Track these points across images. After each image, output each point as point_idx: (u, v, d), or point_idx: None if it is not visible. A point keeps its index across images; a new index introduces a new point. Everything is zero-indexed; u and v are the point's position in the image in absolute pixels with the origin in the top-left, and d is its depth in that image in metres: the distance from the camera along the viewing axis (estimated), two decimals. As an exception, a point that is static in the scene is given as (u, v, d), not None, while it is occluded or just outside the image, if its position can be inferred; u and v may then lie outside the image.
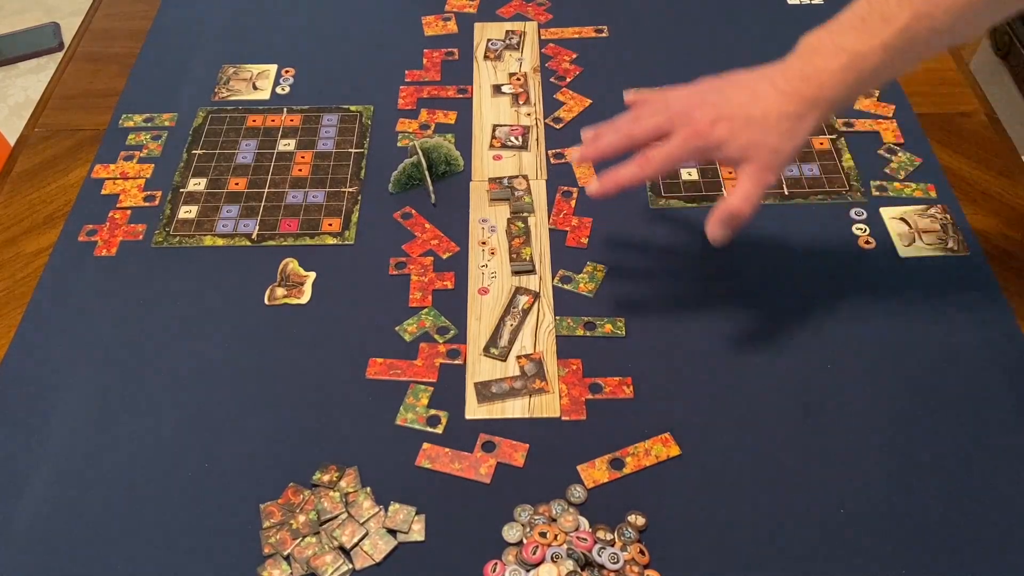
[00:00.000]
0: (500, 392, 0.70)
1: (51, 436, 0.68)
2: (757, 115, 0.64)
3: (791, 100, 0.64)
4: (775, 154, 0.64)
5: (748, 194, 0.65)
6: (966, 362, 0.71)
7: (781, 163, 0.65)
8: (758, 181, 0.65)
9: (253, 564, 0.61)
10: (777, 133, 0.64)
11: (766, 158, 0.64)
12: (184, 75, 1.00)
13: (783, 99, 0.64)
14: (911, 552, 0.61)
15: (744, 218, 0.66)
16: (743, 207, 0.65)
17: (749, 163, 0.65)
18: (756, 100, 0.65)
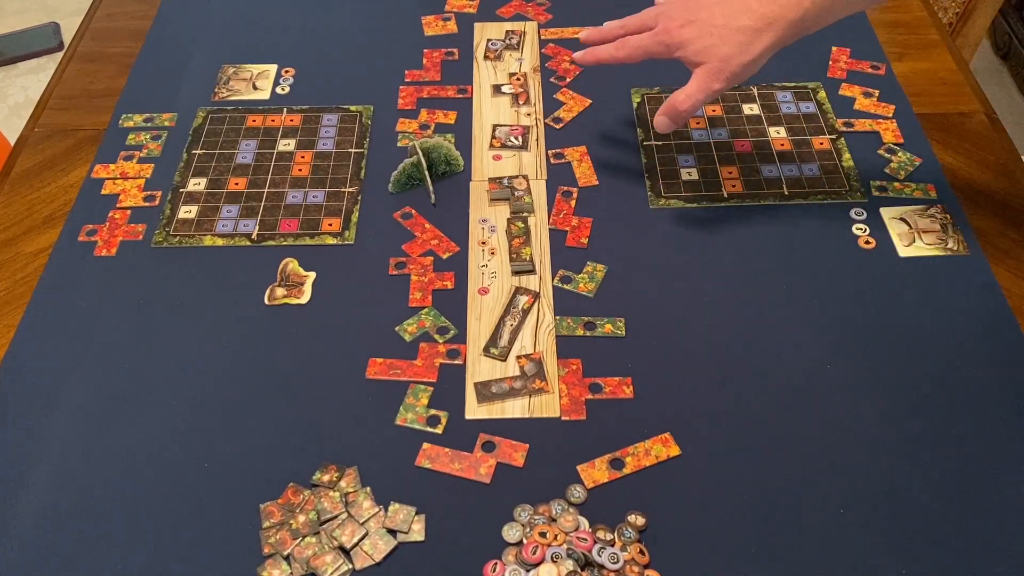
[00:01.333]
0: (500, 392, 0.70)
1: (51, 436, 0.68)
2: (719, 24, 0.71)
3: (751, 15, 0.70)
4: (724, 62, 0.71)
5: (691, 94, 0.74)
6: (966, 362, 0.71)
7: (729, 73, 0.71)
8: (703, 85, 0.73)
9: (253, 564, 0.61)
10: (732, 43, 0.71)
11: (716, 65, 0.72)
12: (184, 75, 1.00)
13: (746, 14, 0.71)
14: (911, 552, 0.61)
15: (684, 114, 0.75)
16: (684, 104, 0.74)
17: (701, 67, 0.73)
18: (724, 11, 0.72)
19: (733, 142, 0.90)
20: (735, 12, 0.71)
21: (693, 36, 0.73)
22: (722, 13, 0.72)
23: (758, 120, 0.92)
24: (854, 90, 0.95)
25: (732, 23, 0.71)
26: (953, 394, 0.69)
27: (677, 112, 0.75)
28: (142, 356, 0.73)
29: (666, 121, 0.77)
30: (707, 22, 0.72)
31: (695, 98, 0.74)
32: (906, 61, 1.00)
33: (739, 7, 0.71)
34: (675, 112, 0.76)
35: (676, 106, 0.75)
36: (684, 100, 0.74)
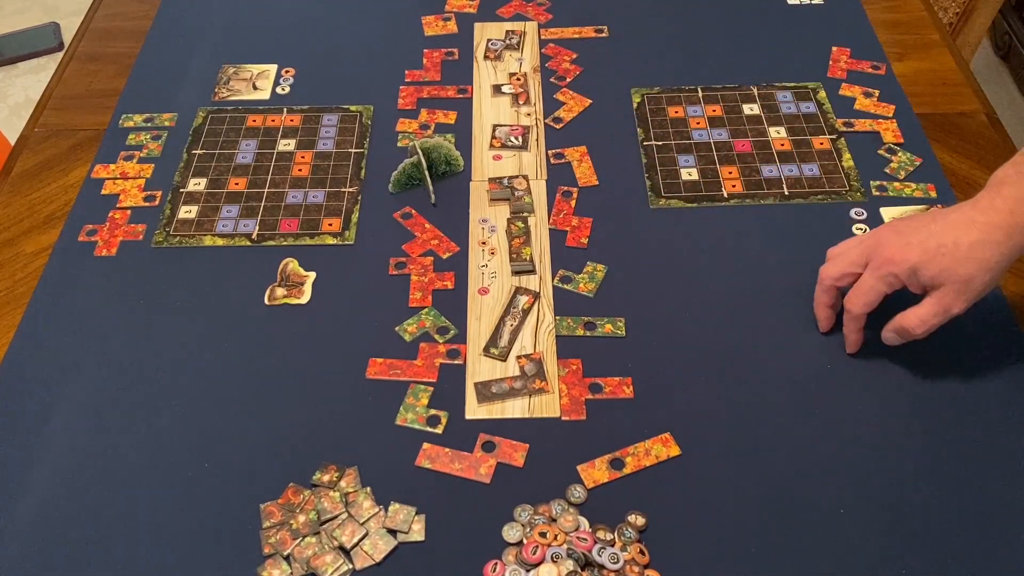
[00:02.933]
0: (500, 392, 0.70)
1: (51, 436, 0.68)
2: (949, 243, 0.64)
3: (983, 228, 0.64)
4: (966, 283, 0.64)
5: (925, 319, 0.66)
6: (966, 362, 0.71)
7: (972, 293, 0.65)
8: (942, 308, 0.65)
9: (253, 564, 0.61)
10: (971, 261, 0.64)
11: (956, 287, 0.64)
12: (184, 75, 1.00)
13: (974, 228, 0.64)
14: (911, 552, 0.61)
15: (915, 337, 0.68)
16: (918, 329, 0.67)
17: (938, 289, 0.65)
18: (947, 229, 0.65)
19: (733, 142, 0.90)
20: (959, 228, 0.64)
21: (923, 260, 0.65)
22: (943, 231, 0.65)
23: (758, 120, 0.92)
24: (854, 90, 0.95)
25: (963, 240, 0.64)
26: (953, 394, 0.69)
27: (908, 335, 0.68)
28: (142, 356, 0.73)
29: (894, 338, 0.69)
30: (932, 242, 0.65)
31: (930, 324, 0.66)
32: (906, 61, 1.00)
33: (960, 221, 0.65)
34: (906, 335, 0.68)
35: (909, 329, 0.67)
36: (918, 325, 0.66)
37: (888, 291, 0.68)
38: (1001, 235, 0.63)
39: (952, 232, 0.65)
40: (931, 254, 0.65)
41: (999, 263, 0.64)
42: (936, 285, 0.65)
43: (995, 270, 0.64)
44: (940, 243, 0.65)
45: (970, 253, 0.64)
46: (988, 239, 0.63)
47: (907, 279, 0.66)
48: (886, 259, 0.67)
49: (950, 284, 0.64)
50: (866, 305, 0.68)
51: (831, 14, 1.05)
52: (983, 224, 0.64)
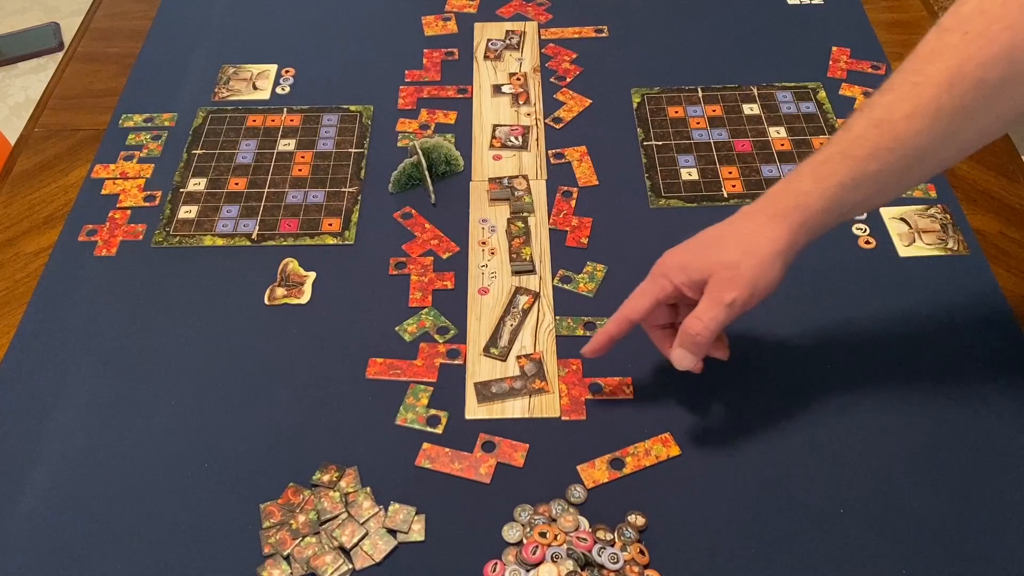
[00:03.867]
0: (500, 392, 0.70)
1: (51, 436, 0.68)
2: (717, 235, 0.63)
3: (756, 219, 0.62)
4: (734, 268, 0.60)
5: (700, 313, 0.62)
6: (966, 362, 0.71)
7: (743, 280, 0.60)
8: (713, 298, 0.61)
9: (253, 564, 0.61)
10: (737, 247, 0.61)
11: (725, 273, 0.61)
12: (184, 75, 1.00)
13: (747, 219, 0.62)
14: (911, 552, 0.61)
15: (701, 340, 0.62)
16: (695, 327, 0.62)
17: (709, 281, 0.62)
18: (722, 225, 0.64)
19: (733, 142, 0.90)
20: (733, 222, 0.63)
21: (692, 254, 0.63)
22: (717, 228, 0.64)
23: (758, 120, 0.92)
24: (854, 90, 0.95)
25: (730, 230, 0.62)
26: (953, 394, 0.69)
27: (693, 340, 0.62)
28: (142, 356, 0.73)
29: (684, 354, 0.63)
30: (703, 237, 0.64)
31: (707, 318, 0.61)
32: (906, 61, 1.00)
33: (737, 217, 0.63)
34: (691, 340, 0.62)
35: (690, 332, 0.62)
36: (696, 323, 0.61)
37: (660, 295, 0.64)
38: (777, 226, 0.60)
39: (724, 226, 0.63)
40: (699, 247, 0.63)
41: (771, 252, 0.60)
42: (706, 277, 0.61)
43: (767, 259, 0.60)
44: (709, 236, 0.63)
45: (737, 240, 0.61)
46: (759, 228, 0.61)
47: (680, 280, 0.63)
48: (660, 264, 0.64)
49: (718, 272, 0.61)
50: (633, 311, 0.64)
51: (831, 14, 1.05)
52: (757, 214, 0.62)
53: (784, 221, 0.60)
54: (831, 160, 0.59)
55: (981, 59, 0.53)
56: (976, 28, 0.53)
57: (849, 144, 0.58)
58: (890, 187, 0.60)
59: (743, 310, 0.61)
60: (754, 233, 0.61)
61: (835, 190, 0.59)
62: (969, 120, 0.55)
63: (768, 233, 0.60)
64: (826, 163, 0.59)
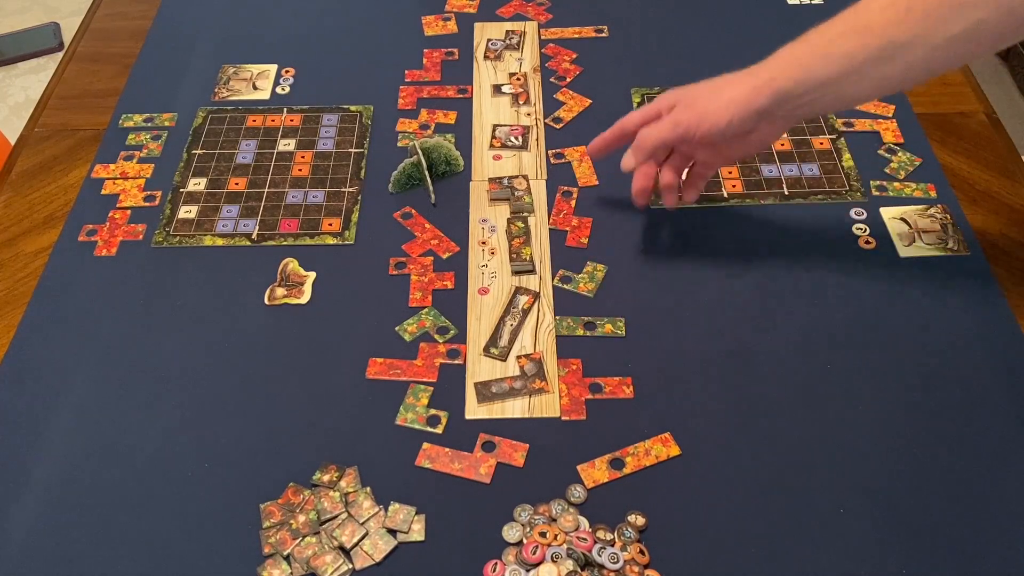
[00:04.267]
0: (500, 392, 0.70)
1: (51, 436, 0.68)
2: (708, 84, 0.72)
3: (739, 76, 0.69)
4: (694, 99, 0.70)
5: (655, 124, 0.72)
6: (966, 362, 0.71)
7: (695, 110, 0.69)
8: (671, 118, 0.71)
9: (253, 564, 0.61)
10: (706, 87, 0.71)
11: (686, 101, 0.71)
12: (184, 75, 1.00)
13: (735, 77, 0.69)
14: (911, 552, 0.61)
15: (643, 139, 0.73)
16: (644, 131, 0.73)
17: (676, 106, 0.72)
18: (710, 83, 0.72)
19: (733, 142, 0.90)
20: (725, 77, 0.71)
21: (680, 92, 0.72)
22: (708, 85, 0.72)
23: (758, 120, 0.92)
24: (854, 90, 0.95)
25: (717, 82, 0.71)
26: (953, 394, 0.69)
27: (638, 140, 0.74)
28: (142, 356, 0.73)
29: (628, 154, 0.75)
30: (699, 87, 0.72)
31: (658, 126, 0.72)
32: (906, 61, 1.00)
33: (719, 77, 0.71)
34: (637, 142, 0.74)
35: (639, 136, 0.74)
36: (646, 129, 0.73)
37: (649, 112, 0.74)
38: (750, 83, 0.67)
39: (717, 80, 0.71)
40: (692, 87, 0.72)
41: (728, 98, 0.68)
42: (675, 103, 0.72)
43: (729, 104, 0.68)
44: (703, 85, 0.72)
45: (713, 83, 0.70)
46: (737, 80, 0.68)
47: (662, 105, 0.73)
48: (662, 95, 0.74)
49: (683, 100, 0.71)
50: (627, 120, 0.76)
51: (831, 14, 1.05)
52: (742, 75, 0.69)
53: (752, 78, 0.67)
54: (809, 35, 0.65)
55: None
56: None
57: (827, 25, 0.64)
58: (859, 75, 0.63)
59: (689, 134, 0.70)
60: (731, 83, 0.69)
61: (804, 58, 0.65)
62: (940, 22, 0.59)
63: (735, 84, 0.68)
64: (805, 39, 0.66)
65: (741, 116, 0.67)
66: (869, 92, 0.65)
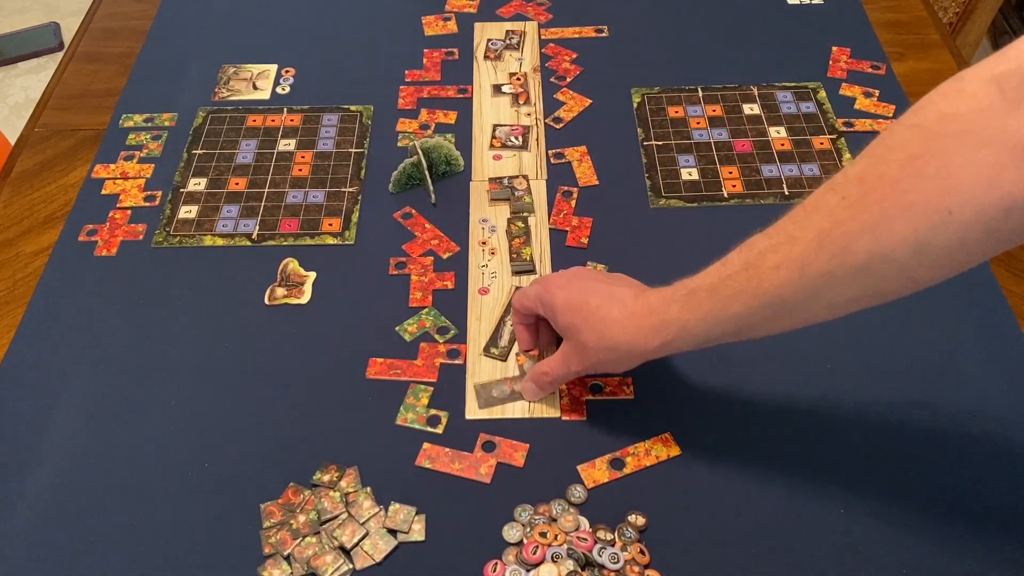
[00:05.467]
0: (501, 396, 0.70)
1: (51, 436, 0.68)
2: (593, 304, 0.64)
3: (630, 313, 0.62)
4: (583, 348, 0.64)
5: (553, 367, 0.66)
6: (966, 362, 0.71)
7: (587, 361, 0.64)
8: (563, 359, 0.66)
9: (253, 564, 0.61)
10: (594, 332, 0.63)
11: (576, 345, 0.64)
12: (184, 75, 1.00)
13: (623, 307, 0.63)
14: (911, 552, 0.61)
15: (548, 385, 0.68)
16: (544, 378, 0.67)
17: (565, 342, 0.66)
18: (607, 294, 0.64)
19: (733, 142, 0.90)
20: (614, 300, 0.63)
21: (562, 306, 0.65)
22: (601, 293, 0.64)
23: (758, 120, 0.92)
24: (854, 90, 0.95)
25: (604, 311, 0.63)
26: (953, 394, 0.69)
27: (539, 382, 0.68)
28: (142, 356, 0.73)
29: (533, 389, 0.69)
30: (580, 296, 0.64)
31: (554, 372, 0.66)
32: (906, 61, 1.00)
33: (623, 295, 0.63)
34: (537, 382, 0.68)
35: (537, 375, 0.68)
36: (544, 372, 0.67)
37: (526, 310, 0.69)
38: (641, 335, 0.61)
39: (607, 299, 0.63)
40: (572, 305, 0.64)
41: (625, 349, 0.62)
42: (565, 336, 0.66)
43: (618, 352, 0.62)
44: (586, 300, 0.64)
45: (601, 326, 0.62)
46: (626, 324, 0.62)
47: (548, 309, 0.66)
48: (543, 286, 0.67)
49: (572, 340, 0.65)
50: (517, 302, 0.69)
51: (831, 14, 1.05)
52: (633, 309, 0.62)
53: (649, 333, 0.61)
54: (699, 292, 0.59)
55: (849, 227, 0.50)
56: (853, 195, 0.51)
57: (720, 280, 0.58)
58: (756, 328, 0.58)
59: (584, 372, 0.66)
60: (620, 329, 0.62)
61: (697, 324, 0.59)
62: (836, 285, 0.53)
63: (635, 343, 0.61)
64: (695, 294, 0.59)
65: (634, 365, 0.64)
66: (762, 336, 0.59)
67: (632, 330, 0.61)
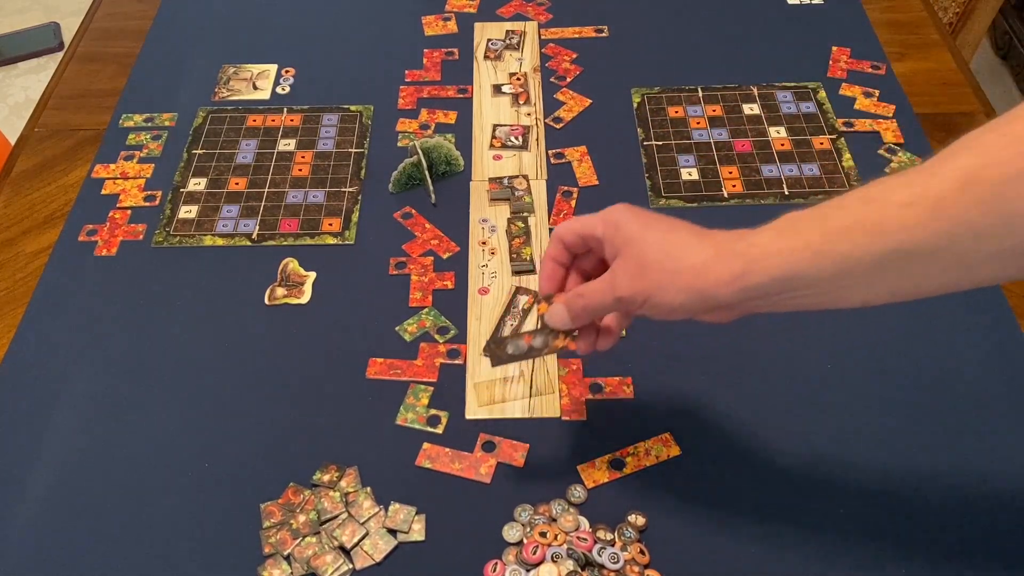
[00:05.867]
0: (517, 352, 0.62)
1: (51, 436, 0.68)
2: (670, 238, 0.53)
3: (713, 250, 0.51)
4: (642, 267, 0.53)
5: (591, 289, 0.56)
6: (966, 362, 0.71)
7: (641, 284, 0.53)
8: (608, 281, 0.55)
9: (253, 564, 0.61)
10: (667, 256, 0.52)
11: (633, 263, 0.53)
12: (184, 75, 1.00)
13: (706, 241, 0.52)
14: (911, 552, 0.61)
15: (576, 310, 0.57)
16: (578, 301, 0.56)
17: (617, 259, 0.55)
18: (687, 228, 0.54)
19: (733, 142, 0.90)
20: (684, 225, 0.54)
21: (631, 217, 0.54)
22: (679, 226, 0.54)
23: (758, 120, 0.92)
24: (854, 90, 0.95)
25: (676, 230, 0.53)
26: (953, 394, 0.69)
27: (573, 306, 0.57)
28: (142, 356, 0.73)
29: (560, 312, 0.58)
30: (653, 216, 0.55)
31: (594, 296, 0.55)
32: (906, 61, 1.00)
33: (694, 228, 0.53)
34: (570, 306, 0.57)
35: (573, 299, 0.57)
36: (579, 298, 0.56)
37: (581, 231, 0.57)
38: (716, 272, 0.50)
39: (683, 224, 0.53)
40: (644, 220, 0.54)
41: (693, 288, 0.51)
42: (622, 253, 0.54)
43: (686, 290, 0.51)
44: (660, 218, 0.54)
45: (670, 242, 0.52)
46: (701, 259, 0.51)
47: (605, 232, 0.55)
48: (608, 211, 0.56)
49: (628, 257, 0.53)
50: (566, 228, 0.58)
51: (831, 14, 1.05)
52: (712, 233, 0.52)
53: (721, 263, 0.50)
54: (802, 219, 0.49)
55: (1005, 170, 0.42)
56: (1016, 131, 0.42)
57: (831, 210, 0.48)
58: (857, 284, 0.47)
59: (631, 309, 0.55)
60: (687, 254, 0.52)
61: (790, 256, 0.48)
62: (977, 237, 0.43)
63: (698, 266, 0.51)
64: (796, 221, 0.49)
65: (694, 306, 0.52)
66: (864, 300, 0.49)
67: (706, 251, 0.51)
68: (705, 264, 0.51)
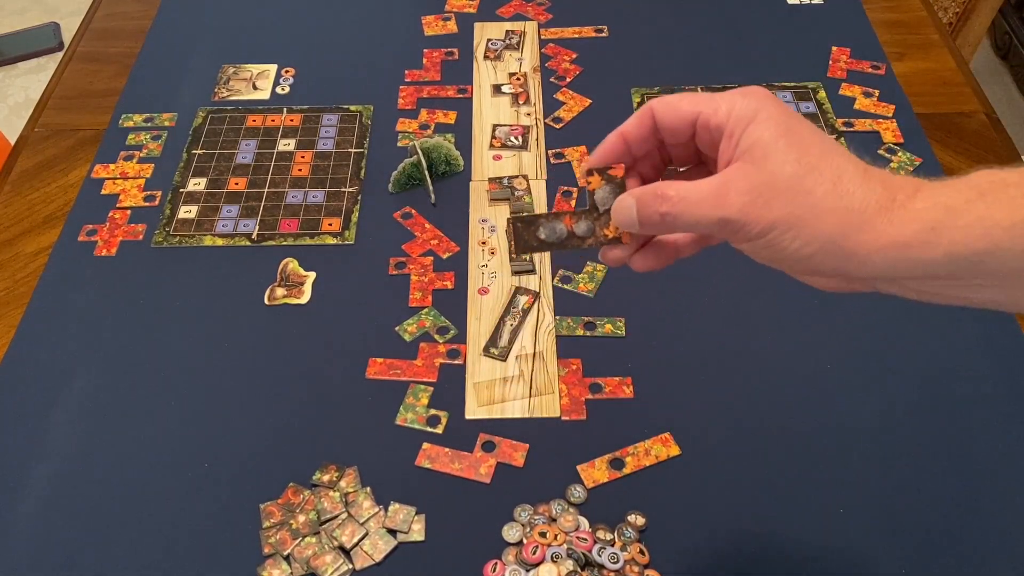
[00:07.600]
0: (551, 239, 0.47)
1: (51, 436, 0.68)
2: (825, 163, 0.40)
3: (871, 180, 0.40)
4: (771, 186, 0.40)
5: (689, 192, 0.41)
6: (966, 362, 0.71)
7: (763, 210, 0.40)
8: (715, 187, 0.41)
9: (253, 564, 0.61)
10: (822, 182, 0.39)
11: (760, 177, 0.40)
12: (184, 75, 1.00)
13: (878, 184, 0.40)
14: (911, 552, 0.61)
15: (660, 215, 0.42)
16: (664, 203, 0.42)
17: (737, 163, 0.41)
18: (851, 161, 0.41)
19: (733, 142, 0.90)
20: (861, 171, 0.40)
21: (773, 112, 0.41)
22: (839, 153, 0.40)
23: (758, 120, 0.92)
24: (854, 90, 0.95)
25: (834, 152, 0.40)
26: (953, 394, 0.69)
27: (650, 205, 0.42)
28: (142, 356, 0.73)
29: (628, 210, 0.43)
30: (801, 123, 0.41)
31: (688, 204, 0.41)
32: (906, 61, 1.00)
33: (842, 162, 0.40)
34: (649, 203, 0.42)
35: (656, 196, 0.42)
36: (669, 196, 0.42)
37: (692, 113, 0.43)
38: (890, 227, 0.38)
39: (845, 158, 0.40)
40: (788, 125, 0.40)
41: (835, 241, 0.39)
42: (745, 157, 0.40)
43: (825, 237, 0.39)
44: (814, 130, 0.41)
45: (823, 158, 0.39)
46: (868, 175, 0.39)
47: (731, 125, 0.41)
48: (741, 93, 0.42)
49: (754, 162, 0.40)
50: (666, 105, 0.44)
51: (831, 14, 1.05)
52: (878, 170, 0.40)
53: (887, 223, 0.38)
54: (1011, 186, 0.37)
55: None
56: None
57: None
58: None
59: (731, 242, 0.43)
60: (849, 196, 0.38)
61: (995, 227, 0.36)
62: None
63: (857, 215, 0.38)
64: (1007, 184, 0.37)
65: (824, 264, 0.41)
66: None
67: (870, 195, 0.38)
68: (865, 214, 0.37)
